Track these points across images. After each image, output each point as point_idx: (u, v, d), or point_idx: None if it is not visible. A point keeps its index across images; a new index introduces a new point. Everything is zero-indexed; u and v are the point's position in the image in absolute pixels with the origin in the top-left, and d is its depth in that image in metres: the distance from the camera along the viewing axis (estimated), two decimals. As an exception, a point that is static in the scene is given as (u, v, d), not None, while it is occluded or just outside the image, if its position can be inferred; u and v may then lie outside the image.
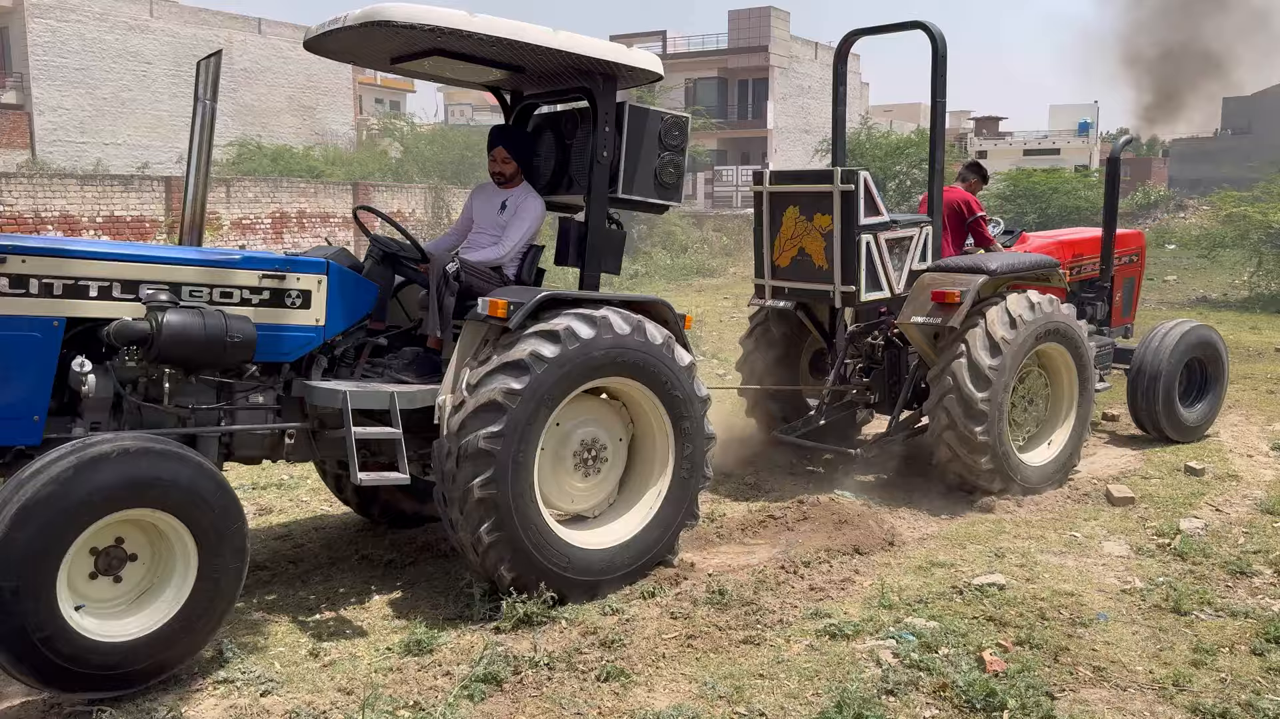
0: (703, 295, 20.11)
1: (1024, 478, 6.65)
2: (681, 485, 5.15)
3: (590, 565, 4.84)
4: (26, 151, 33.60)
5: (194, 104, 4.78)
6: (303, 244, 19.00)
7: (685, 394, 5.05)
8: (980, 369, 6.32)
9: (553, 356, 4.55)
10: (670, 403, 5.03)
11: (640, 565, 5.04)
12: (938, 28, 6.75)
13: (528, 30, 4.58)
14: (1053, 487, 6.84)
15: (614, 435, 5.14)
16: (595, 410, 5.07)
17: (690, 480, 5.17)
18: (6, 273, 3.87)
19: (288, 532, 6.00)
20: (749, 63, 44.40)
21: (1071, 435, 7.00)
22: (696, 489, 5.23)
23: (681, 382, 5.02)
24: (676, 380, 5.00)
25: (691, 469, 5.16)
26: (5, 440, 3.96)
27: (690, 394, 5.08)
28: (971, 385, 6.31)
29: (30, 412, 3.96)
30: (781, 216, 6.92)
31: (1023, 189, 31.91)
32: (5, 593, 3.46)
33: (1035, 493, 6.67)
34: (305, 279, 4.59)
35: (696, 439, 5.15)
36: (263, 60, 40.90)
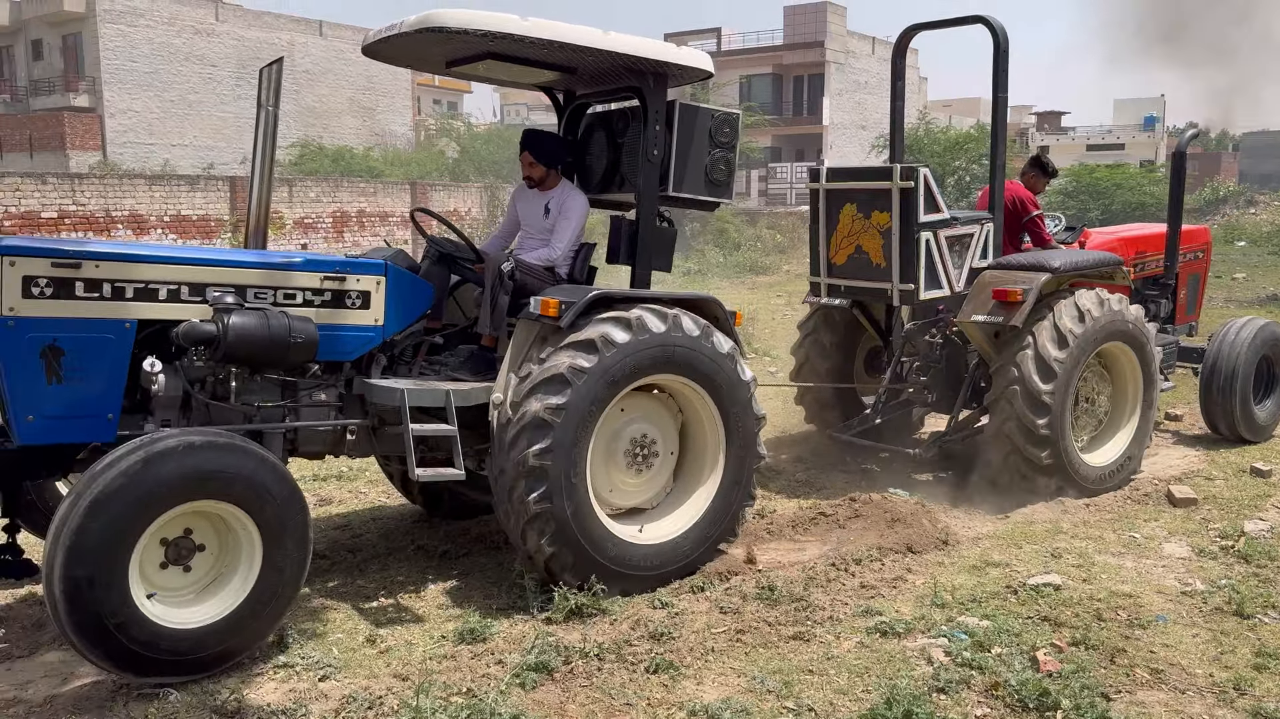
0: (756, 293, 20.04)
1: (1083, 477, 6.53)
2: (735, 470, 5.17)
3: (649, 560, 4.90)
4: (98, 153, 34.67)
5: (257, 110, 4.91)
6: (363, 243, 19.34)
7: (729, 380, 5.06)
8: (1046, 361, 6.23)
9: (591, 367, 4.60)
10: (715, 391, 5.05)
11: (701, 554, 5.09)
12: (999, 22, 6.66)
13: (578, 32, 4.64)
14: (1115, 487, 6.72)
15: (664, 429, 5.18)
16: (644, 407, 5.11)
17: (744, 463, 5.19)
18: (81, 277, 4.02)
19: (346, 522, 6.14)
20: (804, 59, 44.08)
21: (1135, 437, 6.87)
22: (751, 469, 5.25)
23: (724, 369, 5.04)
24: (719, 368, 5.02)
25: (744, 452, 5.17)
26: (82, 438, 4.12)
27: (734, 379, 5.09)
28: (1037, 377, 6.22)
29: (105, 410, 4.11)
30: (838, 214, 6.88)
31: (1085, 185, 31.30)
32: (81, 581, 3.60)
33: (1094, 494, 6.56)
34: (365, 280, 4.70)
35: (746, 422, 5.16)
36: (324, 62, 41.70)
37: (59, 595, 3.61)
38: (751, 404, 5.18)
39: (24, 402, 3.95)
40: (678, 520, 5.12)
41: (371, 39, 4.88)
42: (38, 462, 4.21)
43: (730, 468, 5.16)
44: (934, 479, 7.05)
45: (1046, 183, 7.74)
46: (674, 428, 5.22)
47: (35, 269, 3.93)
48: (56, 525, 3.64)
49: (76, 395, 4.04)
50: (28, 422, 3.97)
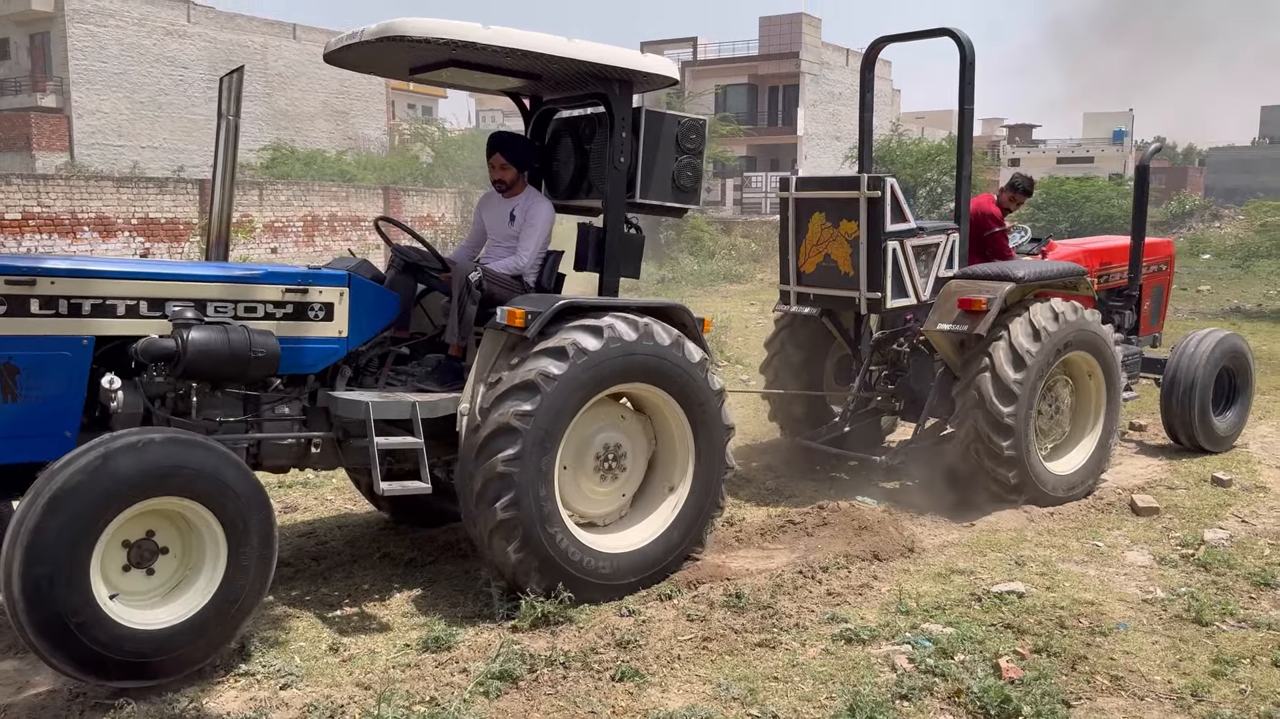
0: (729, 301, 20.10)
1: (1051, 487, 6.61)
2: (704, 479, 5.18)
3: (617, 568, 4.90)
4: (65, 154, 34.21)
5: (218, 120, 4.87)
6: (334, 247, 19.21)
7: (699, 390, 5.08)
8: (1005, 384, 6.29)
9: (561, 373, 4.59)
10: (685, 400, 5.06)
11: (669, 562, 5.10)
12: (966, 35, 6.73)
13: (541, 40, 4.63)
14: (1079, 496, 6.79)
15: (633, 438, 5.17)
16: (613, 415, 5.11)
17: (713, 473, 5.20)
18: (37, 294, 3.96)
19: (311, 529, 6.08)
20: (779, 69, 44.34)
21: (1099, 445, 6.95)
22: (720, 480, 5.26)
23: (694, 378, 5.04)
24: (689, 378, 5.03)
25: (713, 462, 5.19)
26: (39, 456, 4.03)
27: (704, 389, 5.10)
28: (997, 401, 6.28)
29: (62, 428, 4.06)
30: (808, 223, 6.93)
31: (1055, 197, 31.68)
32: (41, 580, 3.55)
33: (1058, 503, 6.63)
34: (328, 292, 4.67)
35: (715, 432, 5.17)
36: (297, 65, 41.41)
37: (18, 596, 3.54)
38: (721, 414, 5.19)
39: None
40: (646, 529, 5.12)
41: (333, 46, 4.86)
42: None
43: (699, 477, 5.17)
44: (901, 487, 7.09)
45: (1022, 200, 7.89)
46: (644, 436, 5.22)
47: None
48: (14, 525, 3.59)
49: (33, 414, 3.98)
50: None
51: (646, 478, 5.28)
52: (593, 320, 4.75)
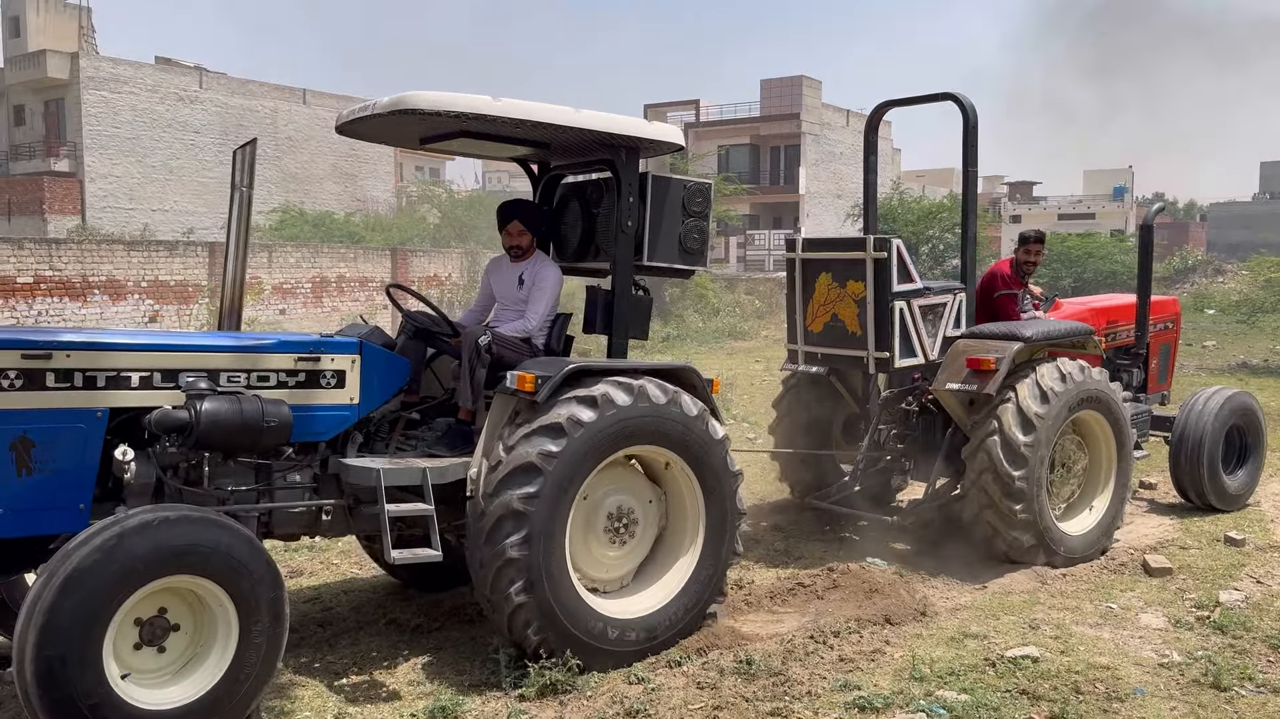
0: (734, 358, 20.13)
1: (1066, 548, 6.56)
2: (718, 529, 5.14)
3: (618, 635, 4.83)
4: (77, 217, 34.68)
5: (231, 191, 4.94)
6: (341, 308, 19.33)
7: (701, 442, 5.06)
8: (1015, 447, 6.27)
9: (590, 422, 4.61)
10: (689, 454, 5.04)
11: (690, 619, 5.04)
12: (968, 99, 6.83)
13: (550, 111, 4.71)
14: (1092, 556, 6.72)
15: (645, 504, 5.15)
16: (627, 479, 5.09)
17: (725, 521, 5.16)
18: (52, 368, 4.00)
19: (317, 594, 6.03)
20: (781, 129, 44.95)
21: (1111, 503, 6.90)
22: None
23: (694, 431, 5.03)
24: (689, 431, 5.01)
25: (724, 510, 5.15)
26: (53, 529, 4.05)
27: (706, 440, 5.08)
28: (1007, 464, 6.26)
29: (76, 500, 4.06)
30: (814, 283, 6.97)
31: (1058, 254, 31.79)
32: (54, 661, 3.51)
33: (1071, 563, 6.57)
34: (339, 359, 4.69)
35: (723, 480, 5.15)
36: (306, 129, 42.11)
37: (31, 678, 3.51)
38: (727, 462, 5.17)
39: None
40: (660, 591, 5.07)
41: (346, 118, 4.94)
42: (7, 556, 4.13)
43: (712, 528, 5.13)
44: (912, 548, 7.03)
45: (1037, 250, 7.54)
46: (653, 497, 5.19)
47: (5, 361, 3.90)
48: (29, 604, 3.57)
49: (48, 486, 3.99)
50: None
51: (658, 538, 5.25)
52: (586, 390, 4.73)
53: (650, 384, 4.87)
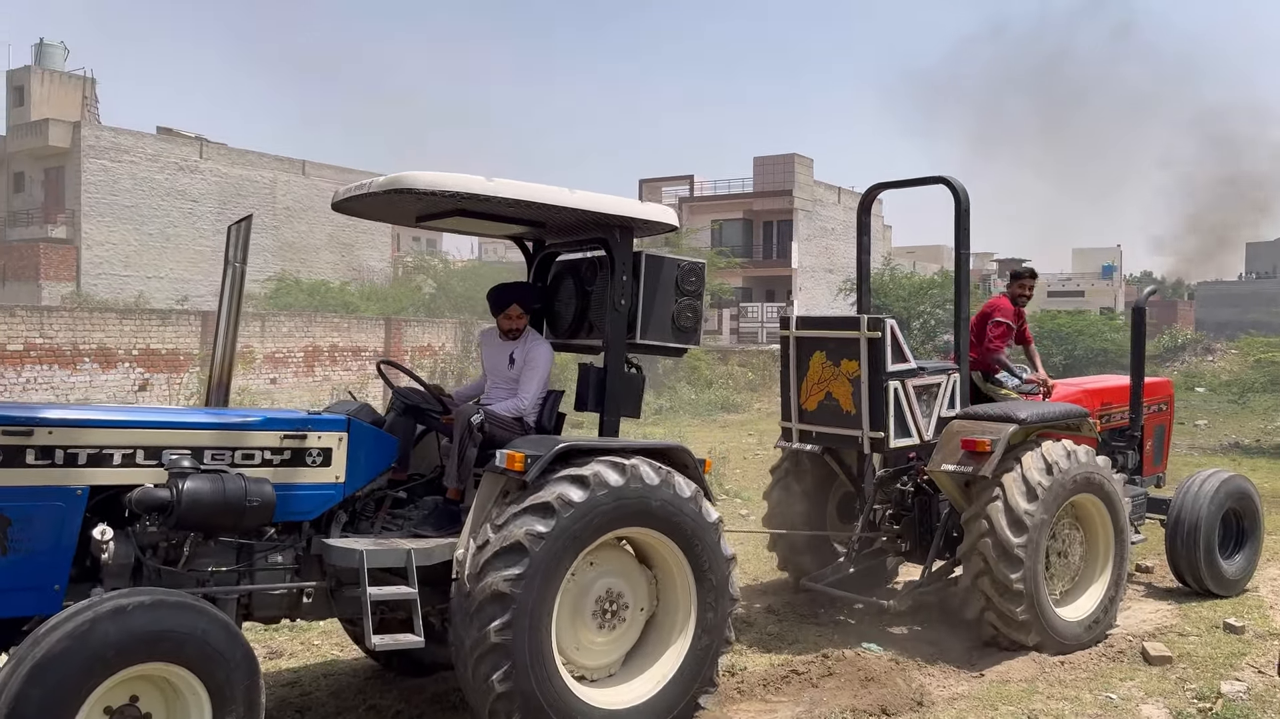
0: (727, 431, 20.05)
1: (1059, 633, 6.42)
2: (709, 616, 5.01)
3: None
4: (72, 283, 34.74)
5: (224, 266, 4.92)
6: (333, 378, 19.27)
7: (694, 524, 4.95)
8: (1016, 513, 6.20)
9: (580, 501, 4.52)
10: (680, 537, 4.94)
11: (680, 710, 4.89)
12: (959, 182, 6.90)
13: (544, 191, 4.72)
14: (1090, 643, 6.59)
15: (635, 588, 5.04)
16: (617, 561, 4.99)
17: (717, 608, 5.03)
18: (33, 444, 3.92)
19: (296, 678, 5.85)
20: (773, 205, 45.56)
21: (1108, 590, 6.79)
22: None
23: (687, 513, 4.93)
24: (681, 513, 4.92)
25: (717, 596, 5.03)
26: (25, 611, 3.93)
27: (699, 523, 4.98)
28: (1008, 530, 6.17)
29: (51, 581, 3.96)
30: (809, 361, 6.95)
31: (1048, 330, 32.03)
32: None
33: (1069, 650, 6.43)
34: (326, 437, 4.62)
35: (716, 565, 5.03)
36: (305, 199, 42.52)
37: None
38: (720, 545, 5.06)
39: None
40: (652, 678, 4.92)
41: (341, 196, 4.95)
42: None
43: (703, 614, 5.00)
44: (908, 632, 6.88)
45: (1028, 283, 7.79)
46: (644, 581, 5.08)
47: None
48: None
49: (22, 567, 3.88)
50: None
51: (648, 624, 5.12)
52: (577, 470, 4.66)
53: (643, 464, 4.80)
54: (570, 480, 4.60)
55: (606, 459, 4.71)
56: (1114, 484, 6.84)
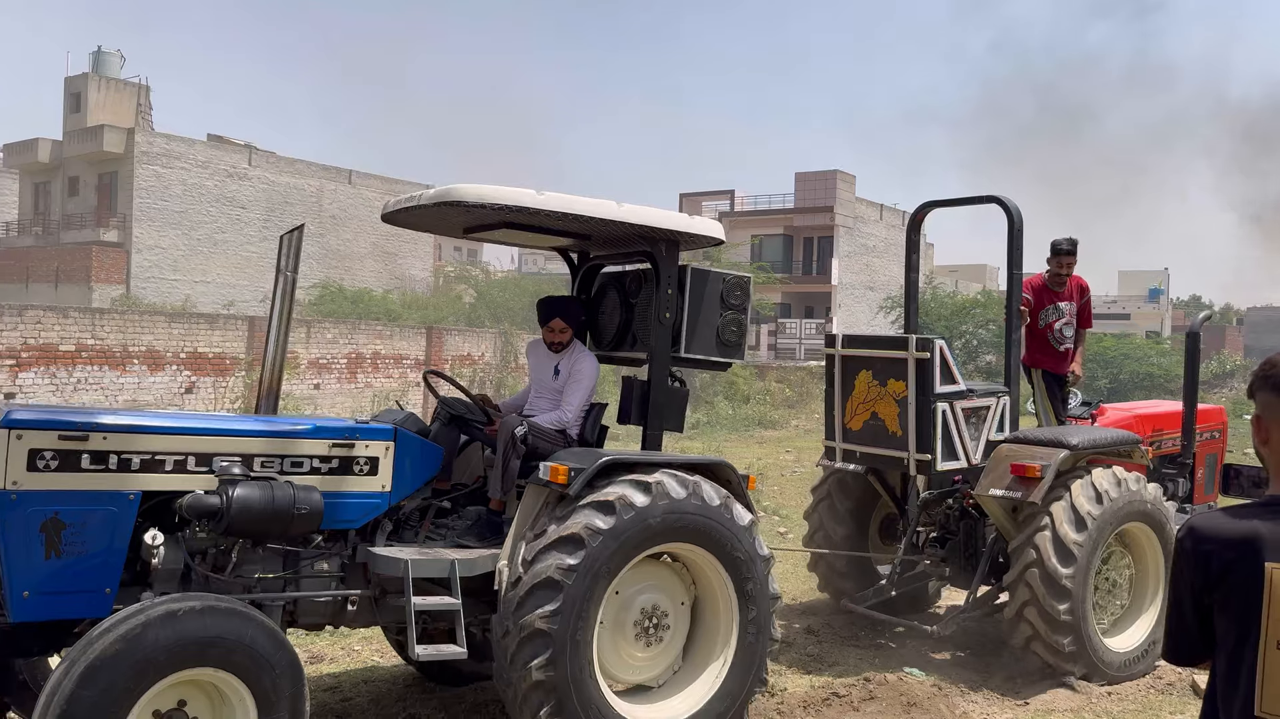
0: (764, 448, 19.94)
1: (1107, 664, 6.28)
2: (748, 650, 4.97)
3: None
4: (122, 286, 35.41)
5: (276, 274, 4.97)
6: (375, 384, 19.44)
7: (746, 554, 4.92)
8: (1065, 543, 6.07)
9: (608, 528, 4.50)
10: (731, 564, 4.90)
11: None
12: (1013, 202, 6.81)
13: (593, 205, 4.74)
14: (1138, 674, 6.44)
15: (676, 601, 5.01)
16: (656, 575, 4.96)
17: (756, 644, 4.99)
18: (88, 449, 3.97)
19: (337, 683, 5.88)
20: (814, 221, 45.41)
21: (1158, 621, 6.62)
22: (764, 652, 5.03)
23: (742, 542, 4.90)
24: (737, 541, 4.88)
25: (757, 632, 4.98)
26: (78, 613, 3.98)
27: (752, 554, 4.94)
28: (1056, 560, 6.05)
29: (103, 584, 4.00)
30: (854, 380, 6.88)
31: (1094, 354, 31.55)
32: None
33: (1117, 681, 6.29)
34: (373, 446, 4.65)
35: (760, 600, 4.99)
36: (350, 209, 43.07)
37: None
38: (768, 582, 5.03)
39: (21, 577, 3.84)
40: (685, 701, 4.88)
41: (391, 208, 4.99)
42: (30, 638, 4.07)
43: (742, 647, 4.96)
44: (952, 658, 6.77)
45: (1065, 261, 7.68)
46: (687, 600, 5.05)
47: (41, 442, 3.88)
48: (48, 693, 3.48)
49: (75, 570, 3.93)
50: (23, 598, 3.84)
51: (688, 644, 5.08)
52: (642, 476, 4.67)
53: (669, 478, 4.75)
54: (634, 485, 4.62)
55: (631, 479, 4.69)
56: (1165, 513, 6.68)
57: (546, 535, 4.50)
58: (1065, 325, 7.75)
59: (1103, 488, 6.27)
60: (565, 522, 4.50)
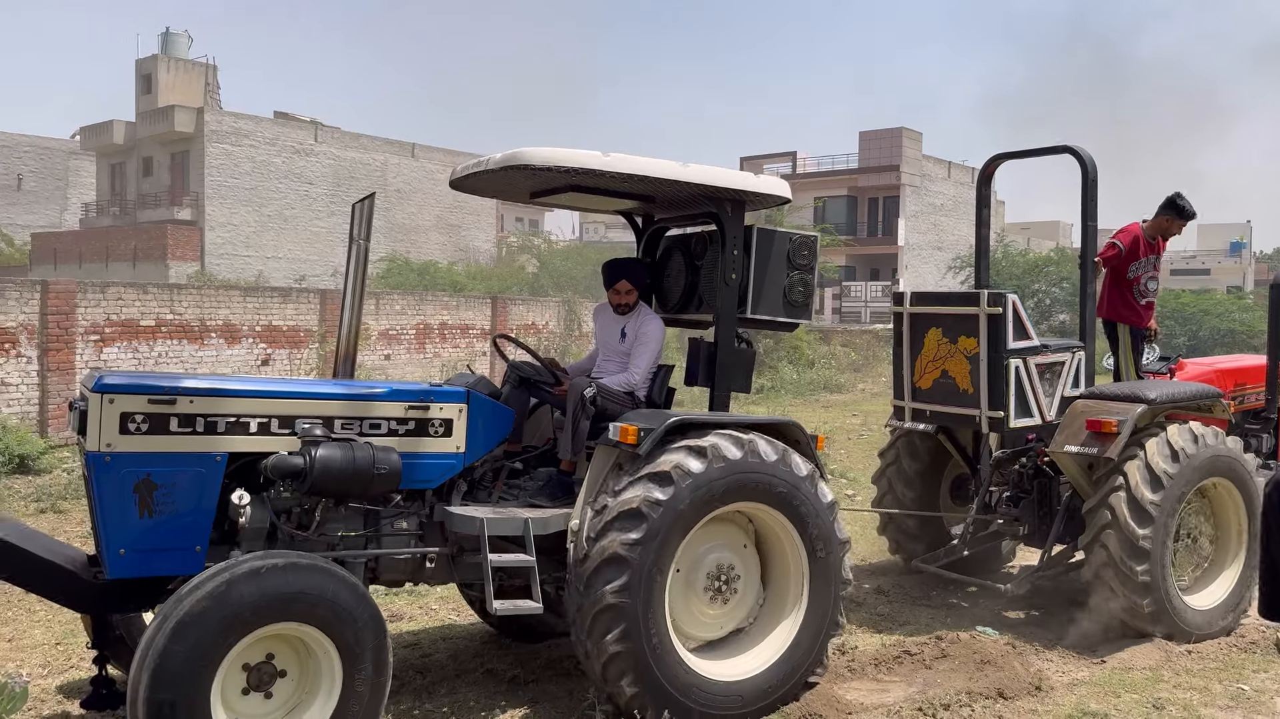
0: (830, 411, 19.81)
1: (1188, 622, 6.17)
2: (821, 597, 4.99)
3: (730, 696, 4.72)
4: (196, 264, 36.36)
5: (349, 244, 5.08)
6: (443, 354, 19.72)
7: (809, 505, 4.93)
8: (1141, 504, 5.96)
9: (667, 499, 4.54)
10: (796, 516, 4.92)
11: (788, 689, 4.89)
12: (1087, 152, 6.63)
13: (658, 165, 4.74)
14: (1219, 633, 6.32)
15: (745, 558, 5.04)
16: (724, 534, 4.99)
17: (829, 590, 5.01)
18: (176, 413, 4.13)
19: (417, 640, 6.05)
20: (879, 181, 44.63)
21: (1240, 578, 6.48)
22: (838, 596, 5.06)
23: (803, 492, 4.91)
24: (798, 493, 4.90)
25: (828, 578, 5.01)
26: (170, 570, 4.17)
27: (815, 504, 4.95)
28: (1133, 521, 5.94)
29: (193, 542, 4.17)
30: (923, 338, 6.80)
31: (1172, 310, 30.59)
32: (164, 705, 3.57)
33: (1197, 640, 6.17)
34: (447, 408, 4.75)
35: (829, 547, 5.00)
36: (414, 182, 43.53)
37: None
38: (834, 528, 5.03)
39: (117, 535, 4.03)
40: (761, 654, 4.93)
41: (459, 174, 5.06)
42: (126, 594, 4.26)
43: (815, 595, 4.99)
44: (1026, 617, 6.71)
45: (1169, 226, 7.44)
46: (755, 556, 5.08)
47: (132, 406, 4.04)
48: (142, 648, 3.64)
49: (167, 528, 4.10)
50: (119, 555, 4.04)
51: (760, 600, 5.12)
52: (696, 440, 4.70)
53: (761, 440, 4.80)
54: (689, 451, 4.65)
55: (725, 432, 4.73)
56: (1247, 468, 6.51)
57: (607, 511, 4.56)
58: (1151, 279, 7.54)
59: (1179, 444, 6.13)
60: (623, 495, 4.55)
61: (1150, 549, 5.94)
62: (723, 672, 4.83)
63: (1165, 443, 6.12)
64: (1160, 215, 7.43)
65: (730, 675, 4.81)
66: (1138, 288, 7.48)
